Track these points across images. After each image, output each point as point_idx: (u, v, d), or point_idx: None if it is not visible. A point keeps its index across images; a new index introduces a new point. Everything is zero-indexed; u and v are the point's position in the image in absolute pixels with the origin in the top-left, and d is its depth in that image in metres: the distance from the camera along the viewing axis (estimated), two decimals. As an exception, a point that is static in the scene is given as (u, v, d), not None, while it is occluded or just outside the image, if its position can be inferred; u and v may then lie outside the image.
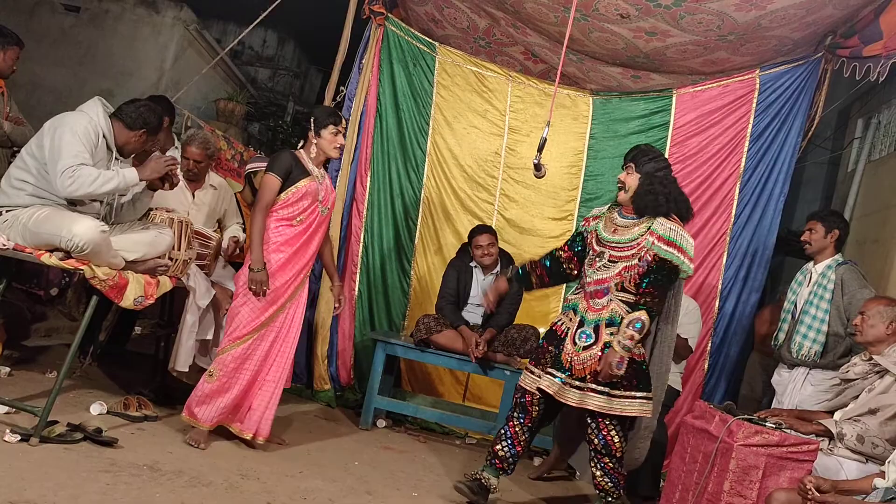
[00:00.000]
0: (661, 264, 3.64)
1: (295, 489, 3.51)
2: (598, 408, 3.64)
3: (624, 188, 3.78)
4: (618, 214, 3.84)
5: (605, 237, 3.81)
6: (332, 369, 5.65)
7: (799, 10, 4.67)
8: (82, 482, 3.00)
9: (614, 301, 3.70)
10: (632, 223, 3.76)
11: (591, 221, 3.97)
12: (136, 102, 3.85)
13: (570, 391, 3.69)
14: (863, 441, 3.35)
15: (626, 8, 4.87)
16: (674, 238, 3.64)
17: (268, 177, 3.90)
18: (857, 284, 4.23)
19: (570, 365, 3.71)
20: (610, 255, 3.75)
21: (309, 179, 3.95)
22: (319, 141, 4.00)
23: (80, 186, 3.48)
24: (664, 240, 3.63)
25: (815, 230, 4.46)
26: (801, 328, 4.33)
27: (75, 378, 4.40)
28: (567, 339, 3.77)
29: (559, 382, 3.72)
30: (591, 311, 3.76)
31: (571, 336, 3.76)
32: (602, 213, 3.94)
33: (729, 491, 3.23)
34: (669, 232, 3.64)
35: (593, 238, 3.88)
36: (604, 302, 3.72)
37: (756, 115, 5.40)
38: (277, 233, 3.91)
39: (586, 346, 3.70)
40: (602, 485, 3.77)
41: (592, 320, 3.74)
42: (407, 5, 6.01)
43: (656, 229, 3.66)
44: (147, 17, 9.43)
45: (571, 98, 5.76)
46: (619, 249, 3.73)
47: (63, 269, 3.64)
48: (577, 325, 3.78)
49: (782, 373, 4.51)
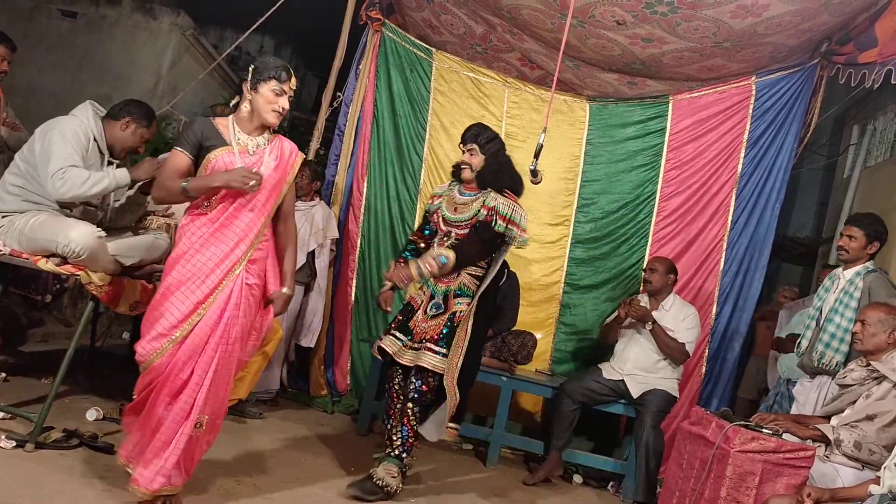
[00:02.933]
0: (484, 225, 3.85)
1: (291, 495, 3.50)
2: (431, 366, 3.74)
3: (469, 168, 3.97)
4: (458, 192, 4.05)
5: (449, 217, 4.01)
6: (329, 375, 5.65)
7: (794, 17, 4.69)
8: (78, 488, 2.99)
9: (463, 274, 3.91)
10: (471, 199, 3.97)
11: (435, 200, 4.17)
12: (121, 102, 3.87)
13: (407, 352, 3.85)
14: (860, 448, 3.34)
15: (623, 15, 4.88)
16: (506, 213, 3.83)
17: (171, 153, 3.06)
18: (886, 293, 3.93)
19: (414, 329, 3.91)
20: (456, 233, 3.95)
21: (223, 150, 3.00)
22: (255, 97, 3.02)
23: (70, 188, 3.47)
24: (497, 212, 3.83)
25: (854, 237, 4.10)
26: (825, 336, 4.07)
27: (71, 384, 4.39)
28: (419, 311, 3.97)
29: (399, 344, 3.90)
30: (440, 282, 3.94)
31: (424, 307, 3.96)
32: (444, 192, 4.15)
33: (726, 497, 3.22)
34: (503, 206, 3.84)
35: (439, 218, 4.07)
36: (452, 275, 3.89)
37: (752, 122, 5.42)
38: (189, 229, 2.99)
39: (434, 314, 3.89)
40: (393, 435, 3.81)
41: (441, 291, 3.94)
42: (404, 11, 6.02)
43: (489, 202, 3.87)
44: (144, 23, 9.45)
45: (568, 104, 5.77)
46: (462, 227, 3.94)
47: (58, 274, 3.63)
48: (428, 297, 3.98)
49: (804, 382, 4.30)
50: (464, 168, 4.00)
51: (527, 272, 5.64)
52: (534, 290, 5.62)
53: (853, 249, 4.11)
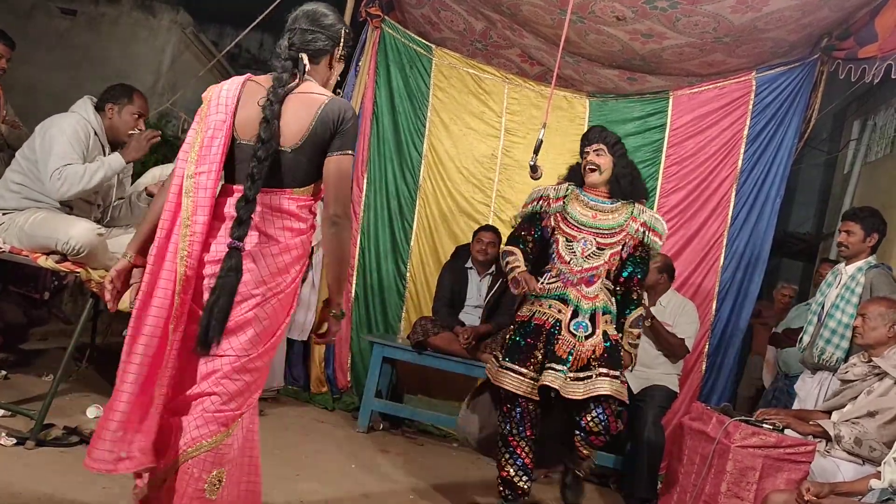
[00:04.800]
0: (641, 253, 3.66)
1: (292, 492, 3.51)
2: (611, 391, 3.35)
3: (598, 170, 3.67)
4: (586, 197, 3.71)
5: (584, 222, 3.65)
6: (329, 372, 5.65)
7: (794, 11, 4.68)
8: (79, 486, 2.99)
9: (602, 290, 3.60)
10: (610, 208, 3.68)
11: (552, 203, 3.74)
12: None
13: (573, 384, 3.39)
14: (860, 444, 3.34)
15: (623, 10, 4.87)
16: (656, 226, 3.66)
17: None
18: (888, 289, 3.91)
19: (568, 356, 3.44)
20: (597, 242, 3.62)
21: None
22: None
23: (70, 186, 3.48)
24: (649, 227, 3.64)
25: (852, 232, 4.11)
26: (825, 332, 4.08)
27: (71, 381, 4.39)
28: (562, 331, 3.51)
29: (563, 376, 3.40)
30: (584, 299, 3.55)
31: (566, 327, 3.51)
32: (564, 194, 3.75)
33: (726, 492, 3.23)
34: (652, 220, 3.67)
35: (559, 221, 3.70)
36: (594, 290, 3.57)
37: (752, 117, 5.40)
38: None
39: (587, 335, 3.48)
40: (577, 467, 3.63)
41: (588, 309, 3.54)
42: (404, 8, 6.02)
43: (640, 216, 3.66)
44: (143, 21, 9.43)
45: (568, 100, 5.77)
46: (605, 236, 3.63)
47: (57, 271, 3.63)
48: (570, 315, 3.53)
49: (805, 378, 4.29)
50: (591, 170, 3.67)
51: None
52: (534, 286, 5.61)
53: (852, 244, 4.11)
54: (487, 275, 5.26)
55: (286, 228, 2.36)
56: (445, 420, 5.14)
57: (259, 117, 2.29)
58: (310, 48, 2.43)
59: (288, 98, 2.34)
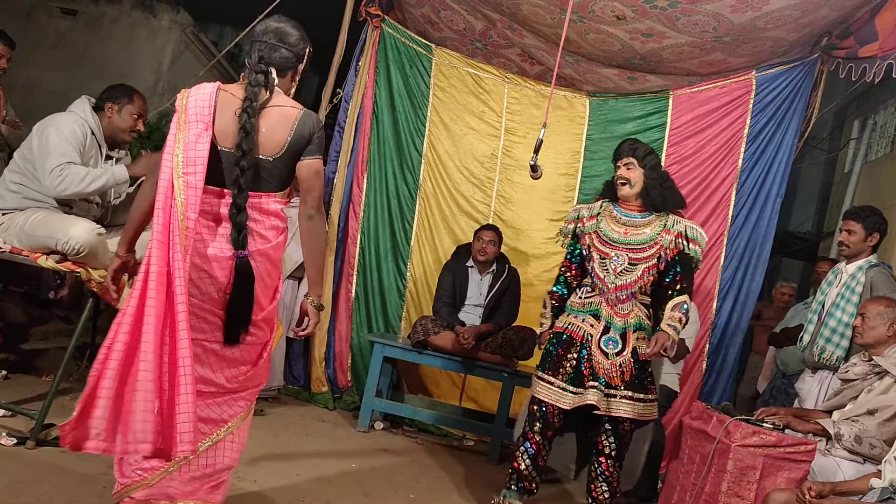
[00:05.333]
0: (683, 258, 3.66)
1: (292, 491, 3.51)
2: (632, 414, 3.56)
3: (629, 184, 3.71)
4: (619, 213, 3.77)
5: (616, 238, 3.71)
6: (330, 372, 5.65)
7: (794, 11, 4.68)
8: (78, 486, 2.99)
9: (636, 305, 3.67)
10: (642, 222, 3.72)
11: (587, 222, 3.84)
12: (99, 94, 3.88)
13: (613, 402, 3.56)
14: (860, 442, 3.33)
15: (623, 10, 4.87)
16: (695, 235, 3.68)
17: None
18: (888, 288, 3.90)
19: (602, 374, 3.58)
20: (629, 258, 3.66)
21: None
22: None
23: (69, 185, 3.48)
24: (686, 237, 3.66)
25: (853, 231, 4.09)
26: (825, 331, 4.06)
27: (72, 381, 4.39)
28: (591, 347, 3.63)
29: (601, 394, 3.55)
30: (618, 316, 3.65)
31: (596, 343, 3.62)
32: (597, 212, 3.84)
33: (727, 492, 3.22)
34: (688, 229, 3.68)
35: (594, 239, 3.78)
36: (629, 307, 3.66)
37: (752, 116, 5.41)
38: None
39: (617, 352, 3.60)
40: (599, 493, 3.71)
41: (621, 326, 3.64)
42: (403, 7, 6.02)
43: (675, 228, 3.67)
44: (144, 21, 9.45)
45: (568, 99, 5.77)
46: (637, 251, 3.67)
47: (57, 271, 3.63)
48: (601, 331, 3.64)
49: (806, 377, 4.28)
50: (622, 184, 3.72)
51: (527, 268, 5.65)
52: (534, 286, 5.61)
53: (853, 243, 4.10)
54: (488, 273, 5.26)
55: (272, 227, 2.60)
56: (445, 419, 5.15)
57: (236, 128, 2.49)
58: (277, 64, 2.66)
59: (263, 111, 2.56)
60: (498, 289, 5.20)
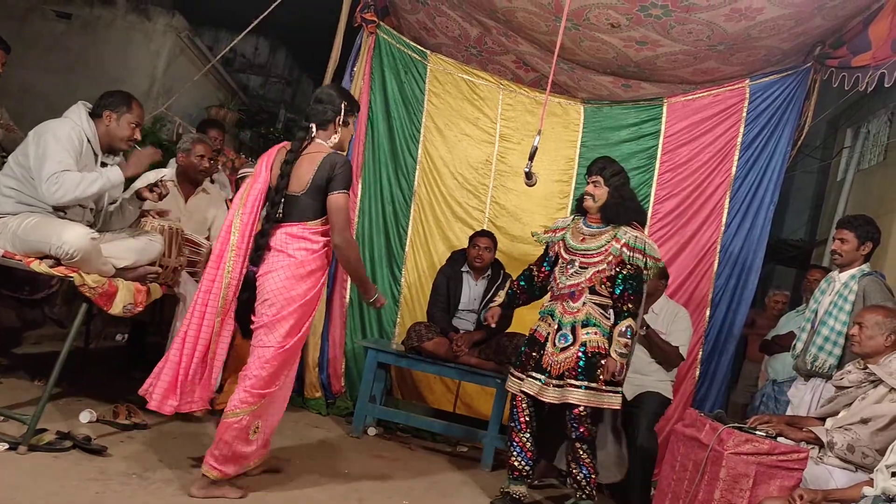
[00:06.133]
0: (629, 270, 4.01)
1: (286, 497, 3.50)
2: (577, 400, 3.90)
3: (592, 198, 4.13)
4: (583, 224, 4.21)
5: (574, 246, 4.16)
6: (323, 377, 5.63)
7: (788, 20, 4.70)
8: (72, 491, 2.98)
9: (588, 304, 4.04)
10: (598, 232, 4.14)
11: (558, 233, 4.30)
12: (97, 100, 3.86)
13: (549, 390, 3.97)
14: (853, 450, 3.34)
15: (617, 18, 4.89)
16: (639, 245, 4.02)
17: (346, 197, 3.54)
18: (881, 297, 3.91)
19: (549, 367, 4.00)
20: (580, 262, 4.09)
21: None
22: (344, 130, 3.56)
23: (65, 192, 3.47)
24: (629, 246, 4.01)
25: (846, 240, 4.10)
26: (818, 339, 4.06)
27: (64, 386, 4.38)
28: (548, 343, 4.06)
29: (539, 384, 4.00)
30: (566, 314, 4.06)
31: (552, 339, 4.06)
32: (567, 224, 4.30)
33: (719, 499, 3.23)
34: (635, 240, 4.03)
35: (561, 248, 4.23)
36: (578, 305, 4.05)
37: (746, 125, 5.43)
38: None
39: (564, 346, 4.00)
40: (576, 476, 4.00)
41: (569, 322, 4.04)
42: (399, 14, 6.03)
43: (621, 237, 4.05)
44: (139, 24, 9.43)
45: (562, 106, 5.78)
46: (588, 257, 4.09)
47: (52, 276, 3.62)
48: (555, 329, 4.07)
49: (798, 385, 4.27)
50: (587, 198, 4.15)
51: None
52: (528, 293, 5.61)
53: (846, 252, 4.10)
54: (483, 279, 5.26)
55: (302, 249, 3.29)
56: (439, 425, 5.14)
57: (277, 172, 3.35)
58: (316, 119, 3.42)
59: (301, 157, 3.34)
60: (492, 294, 5.20)
